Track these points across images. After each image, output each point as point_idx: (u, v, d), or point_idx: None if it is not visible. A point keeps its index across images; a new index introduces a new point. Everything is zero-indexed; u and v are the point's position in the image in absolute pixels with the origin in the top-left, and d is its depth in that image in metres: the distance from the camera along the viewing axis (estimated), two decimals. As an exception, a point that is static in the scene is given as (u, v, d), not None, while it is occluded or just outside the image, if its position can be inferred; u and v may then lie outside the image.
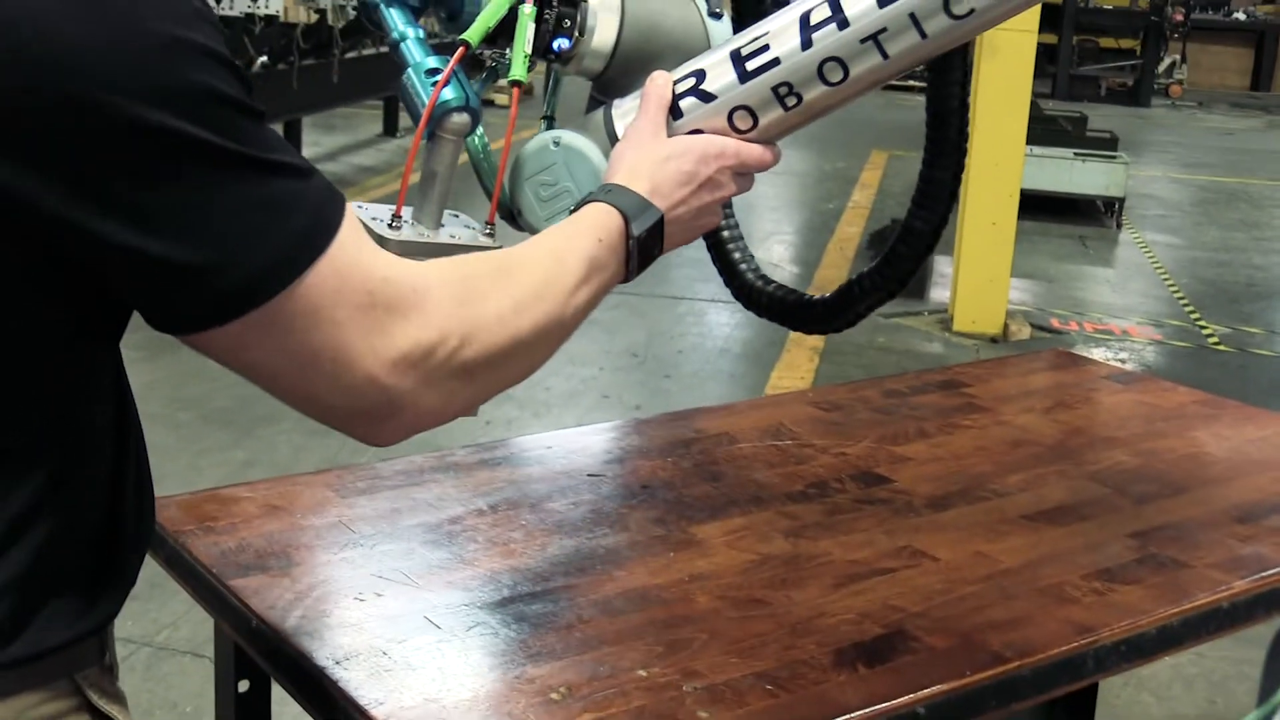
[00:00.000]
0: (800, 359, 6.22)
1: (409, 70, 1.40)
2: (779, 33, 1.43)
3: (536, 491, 1.84)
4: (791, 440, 2.05)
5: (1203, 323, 7.36)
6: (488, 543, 1.66)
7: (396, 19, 1.43)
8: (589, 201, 1.32)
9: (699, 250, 6.30)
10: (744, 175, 1.44)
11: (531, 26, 1.40)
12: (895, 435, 2.10)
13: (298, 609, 1.48)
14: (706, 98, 1.43)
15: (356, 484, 1.82)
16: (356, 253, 1.03)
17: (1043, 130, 8.94)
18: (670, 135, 1.41)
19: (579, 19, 1.43)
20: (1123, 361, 6.54)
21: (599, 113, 1.51)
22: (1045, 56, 8.79)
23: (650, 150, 1.38)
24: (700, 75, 1.44)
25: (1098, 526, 1.81)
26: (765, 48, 1.42)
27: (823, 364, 6.17)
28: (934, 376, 2.40)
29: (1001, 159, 6.66)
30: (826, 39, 1.40)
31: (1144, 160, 11.72)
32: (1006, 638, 1.49)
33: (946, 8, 1.38)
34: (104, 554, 1.10)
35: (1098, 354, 6.66)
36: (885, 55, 1.41)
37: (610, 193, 1.32)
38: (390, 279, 1.06)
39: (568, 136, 1.48)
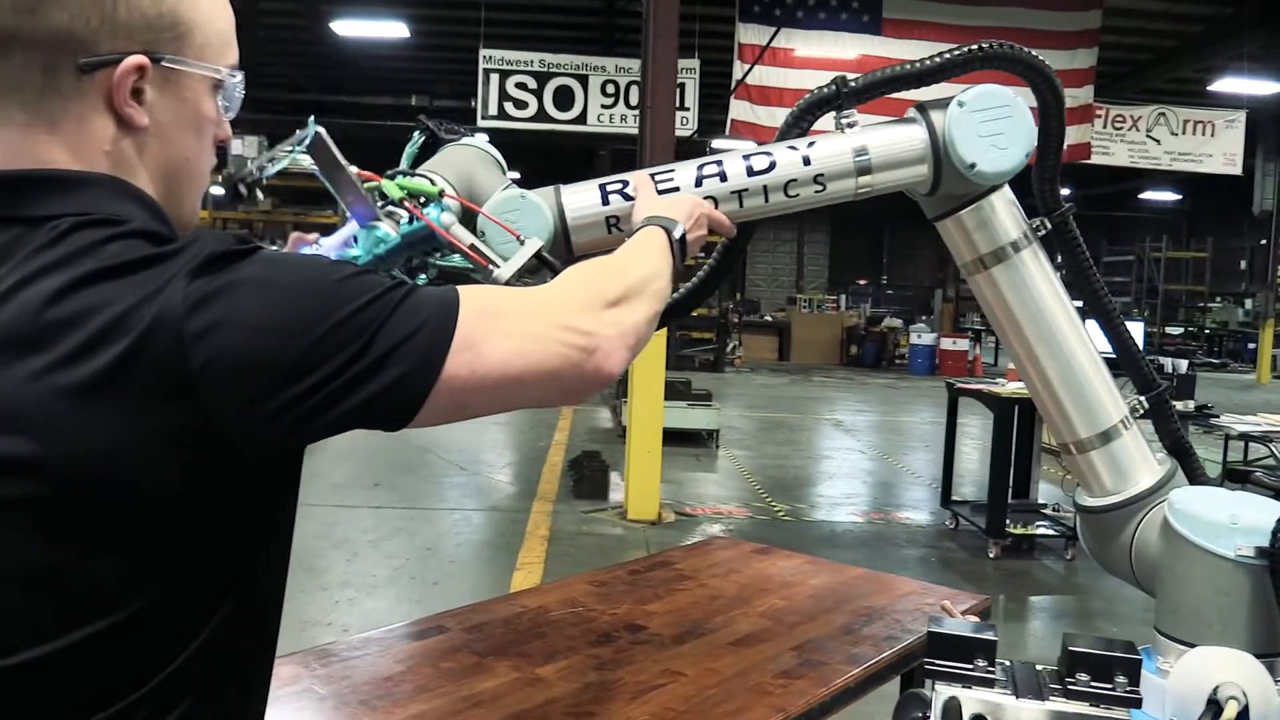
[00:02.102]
0: (535, 544, 6.19)
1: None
2: (681, 170, 1.44)
3: (433, 655, 1.80)
4: (582, 607, 2.06)
5: (773, 503, 7.68)
6: (416, 689, 1.63)
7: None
8: (640, 229, 1.25)
9: (467, 477, 6.19)
10: (709, 226, 1.36)
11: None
12: (643, 598, 2.13)
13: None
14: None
15: (317, 661, 1.75)
16: (482, 288, 0.93)
17: (668, 391, 9.19)
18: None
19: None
20: (732, 532, 6.74)
21: (551, 189, 1.43)
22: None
23: (660, 199, 1.35)
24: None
25: (773, 646, 1.88)
26: (670, 179, 1.42)
27: (550, 546, 6.15)
28: (657, 559, 2.44)
29: (650, 412, 6.90)
30: (712, 185, 1.42)
31: (725, 405, 12.22)
32: (738, 719, 1.56)
33: (784, 189, 1.43)
34: None
35: (715, 529, 6.85)
36: (741, 204, 1.43)
37: (650, 219, 1.25)
38: (523, 289, 0.99)
39: (531, 194, 1.38)
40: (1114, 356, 1.72)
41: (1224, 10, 14.68)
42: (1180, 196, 26.69)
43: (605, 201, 1.43)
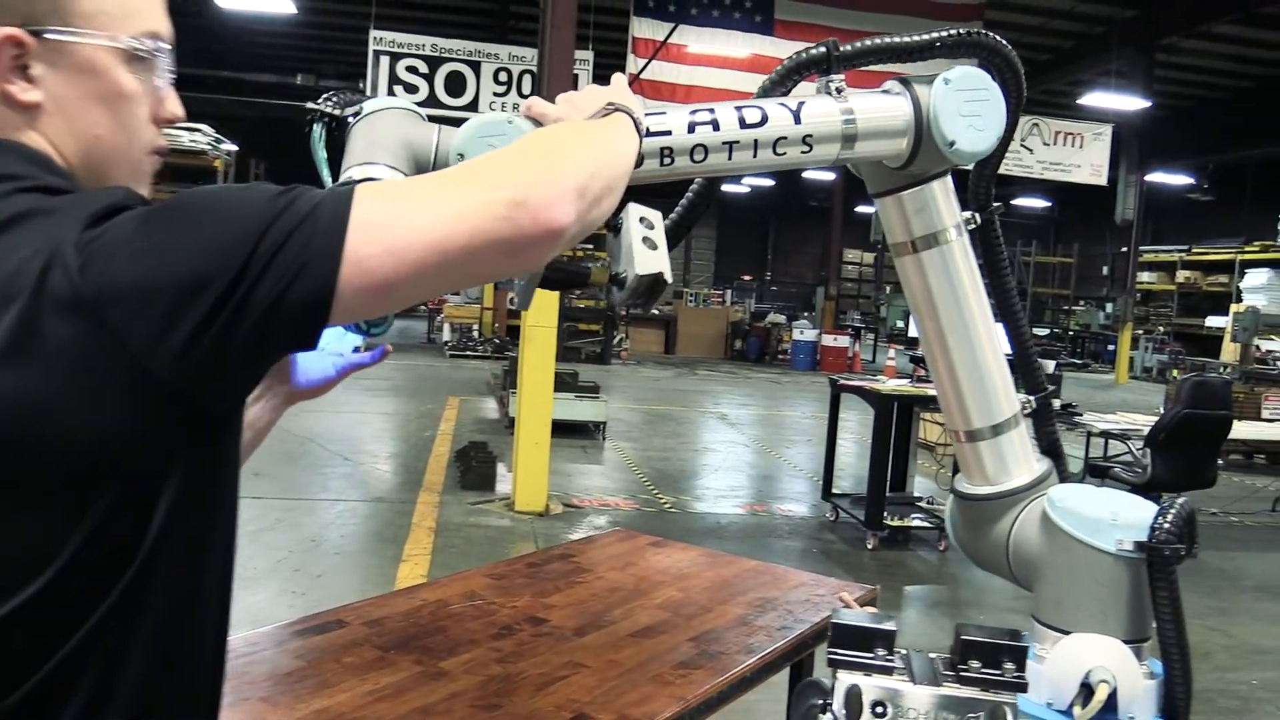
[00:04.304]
0: (422, 536, 6.13)
1: None
2: (673, 113, 1.35)
3: (333, 650, 1.79)
4: (482, 600, 2.06)
5: (659, 495, 7.77)
6: (318, 685, 1.61)
7: None
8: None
9: (351, 467, 6.06)
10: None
11: None
12: (542, 591, 2.14)
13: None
14: None
15: None
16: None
17: (556, 382, 9.15)
18: None
19: None
20: (619, 523, 6.79)
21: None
22: (553, 338, 9.11)
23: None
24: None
25: (670, 637, 1.92)
26: (662, 120, 1.33)
27: (437, 538, 6.10)
28: (555, 552, 2.46)
29: (539, 403, 6.91)
30: (704, 132, 1.33)
31: (612, 397, 12.24)
32: (641, 709, 1.60)
33: (773, 146, 1.36)
34: None
35: (602, 520, 6.90)
36: (730, 156, 1.35)
37: (614, 105, 1.12)
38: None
39: (518, 119, 1.22)
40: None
41: (1094, 28, 15.43)
42: (1050, 204, 27.94)
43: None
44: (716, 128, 1.35)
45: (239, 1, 12.83)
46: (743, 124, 1.37)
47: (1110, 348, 22.20)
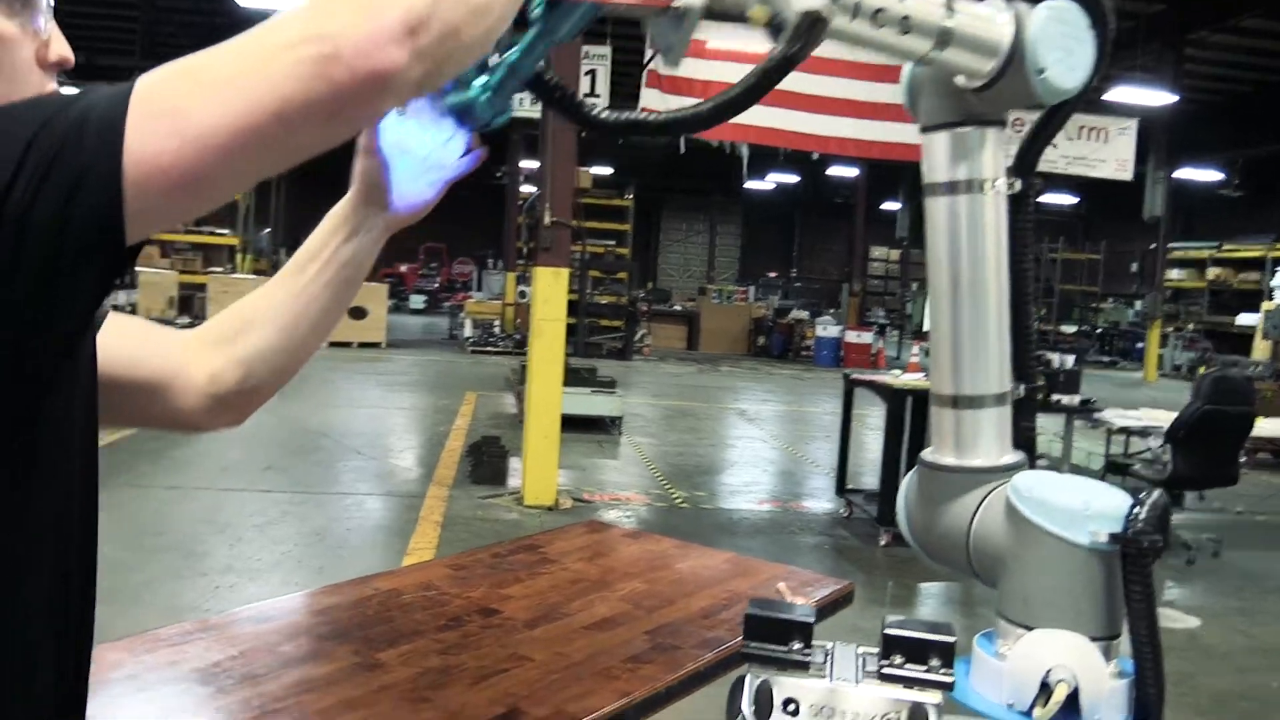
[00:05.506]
0: (429, 530, 6.09)
1: None
2: None
3: (271, 640, 1.72)
4: (436, 591, 2.00)
5: (673, 490, 7.68)
6: (242, 678, 1.55)
7: None
8: None
9: (363, 461, 6.02)
10: None
11: None
12: (501, 582, 2.08)
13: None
14: None
15: (143, 646, 1.65)
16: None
17: (571, 377, 9.21)
18: None
19: None
20: (629, 518, 6.72)
21: None
22: (570, 332, 9.00)
23: None
24: None
25: (626, 629, 1.85)
26: None
27: (444, 531, 6.05)
28: (521, 543, 2.39)
29: (548, 397, 6.84)
30: None
31: (631, 393, 12.19)
32: (580, 704, 1.52)
33: (873, 15, 1.24)
34: None
35: (612, 515, 6.82)
36: None
37: None
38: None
39: None
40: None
41: (1121, 23, 15.15)
42: (1077, 200, 27.55)
43: None
44: None
45: (261, 0, 12.86)
46: None
47: (1139, 345, 21.85)
